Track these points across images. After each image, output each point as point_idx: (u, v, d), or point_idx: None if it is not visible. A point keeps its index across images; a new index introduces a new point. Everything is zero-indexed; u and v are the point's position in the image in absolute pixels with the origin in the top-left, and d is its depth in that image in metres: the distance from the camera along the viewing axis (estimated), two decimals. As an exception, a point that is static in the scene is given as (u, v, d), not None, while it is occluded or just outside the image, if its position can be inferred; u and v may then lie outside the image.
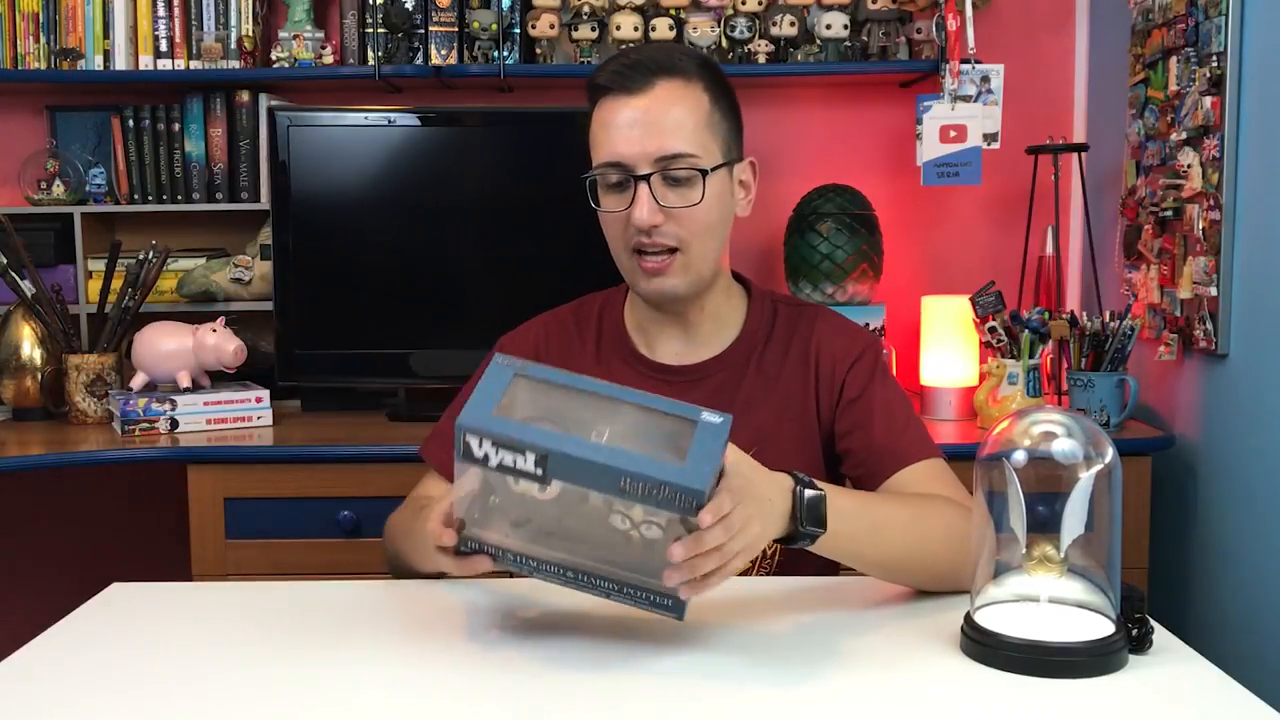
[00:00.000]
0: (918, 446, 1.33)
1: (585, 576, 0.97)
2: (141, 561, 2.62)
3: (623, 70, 1.29)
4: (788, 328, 1.41)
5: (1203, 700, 0.98)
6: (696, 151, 1.29)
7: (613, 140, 1.28)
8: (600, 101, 1.31)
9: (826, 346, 1.39)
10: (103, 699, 1.00)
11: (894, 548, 1.17)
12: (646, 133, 1.27)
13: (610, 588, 0.97)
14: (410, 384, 2.35)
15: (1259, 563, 1.86)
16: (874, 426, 1.34)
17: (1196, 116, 1.98)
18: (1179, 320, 2.08)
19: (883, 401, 1.36)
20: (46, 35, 2.50)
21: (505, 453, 0.89)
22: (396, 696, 0.99)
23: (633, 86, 1.28)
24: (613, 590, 0.97)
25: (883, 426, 1.34)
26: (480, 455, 0.89)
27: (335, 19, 2.57)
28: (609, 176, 1.30)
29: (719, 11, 2.48)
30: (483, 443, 0.89)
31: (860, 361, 1.38)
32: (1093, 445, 1.05)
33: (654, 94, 1.28)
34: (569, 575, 0.98)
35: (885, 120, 2.63)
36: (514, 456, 0.89)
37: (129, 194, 2.55)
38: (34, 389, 2.38)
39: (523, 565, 0.99)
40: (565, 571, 0.97)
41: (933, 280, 2.62)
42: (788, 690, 0.99)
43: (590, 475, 0.89)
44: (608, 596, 0.98)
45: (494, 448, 0.89)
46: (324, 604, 1.24)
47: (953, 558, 1.17)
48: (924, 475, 1.31)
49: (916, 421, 1.38)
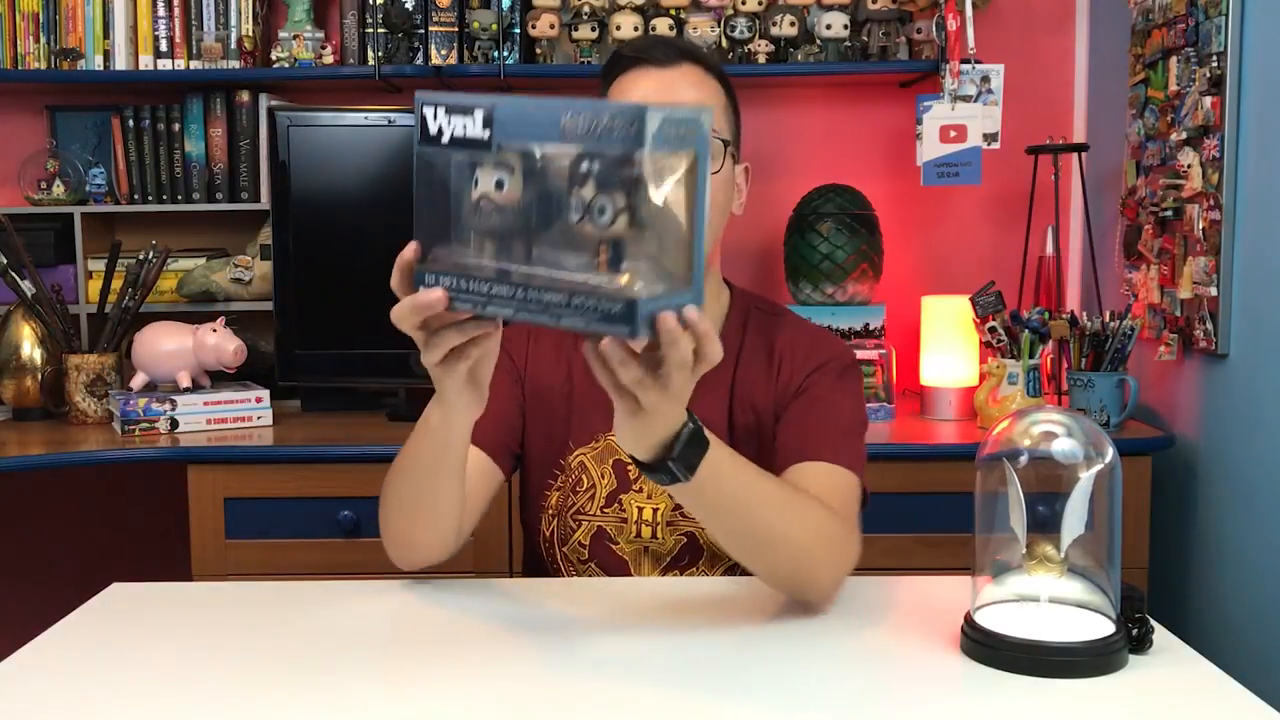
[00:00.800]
0: (836, 452, 1.27)
1: (539, 293, 0.91)
2: (141, 561, 2.62)
3: (651, 45, 1.32)
4: (759, 333, 1.39)
5: (1203, 700, 0.98)
6: (717, 125, 1.29)
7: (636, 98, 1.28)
8: (623, 73, 1.31)
9: (790, 353, 1.37)
10: (103, 699, 1.00)
11: (756, 524, 1.11)
12: (672, 96, 1.27)
13: (562, 303, 0.92)
14: (410, 384, 2.35)
15: (1259, 563, 1.86)
16: (806, 419, 1.31)
17: (1196, 116, 1.98)
18: (1179, 320, 2.08)
19: (827, 403, 1.33)
20: (46, 35, 2.50)
21: (456, 119, 0.90)
22: (396, 697, 0.99)
23: (661, 60, 1.29)
24: (564, 308, 0.90)
25: (814, 421, 1.31)
26: (435, 130, 0.90)
27: (335, 19, 2.57)
28: None
29: (719, 11, 2.48)
30: (437, 113, 0.90)
31: (822, 368, 1.35)
32: (1093, 445, 1.05)
33: (680, 70, 1.30)
34: (520, 296, 0.91)
35: (885, 120, 2.63)
36: (463, 121, 0.89)
37: (129, 194, 2.55)
38: (34, 389, 2.38)
39: (477, 294, 0.93)
40: (518, 291, 0.91)
41: (933, 280, 2.62)
42: (787, 690, 0.99)
43: (533, 125, 0.88)
44: (558, 321, 0.92)
45: (446, 116, 0.90)
46: (324, 604, 1.24)
47: (810, 557, 1.14)
48: (822, 476, 1.25)
49: (853, 437, 1.32)
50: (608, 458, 1.37)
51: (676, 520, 1.35)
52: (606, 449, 1.37)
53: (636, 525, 1.36)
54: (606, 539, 1.36)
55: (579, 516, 1.37)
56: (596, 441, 1.37)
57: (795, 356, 1.37)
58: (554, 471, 1.39)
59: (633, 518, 1.36)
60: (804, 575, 1.15)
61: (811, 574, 1.15)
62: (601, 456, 1.37)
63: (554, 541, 1.39)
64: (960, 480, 1.23)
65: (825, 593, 1.18)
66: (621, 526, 1.36)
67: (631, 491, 1.36)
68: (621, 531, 1.36)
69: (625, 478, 1.37)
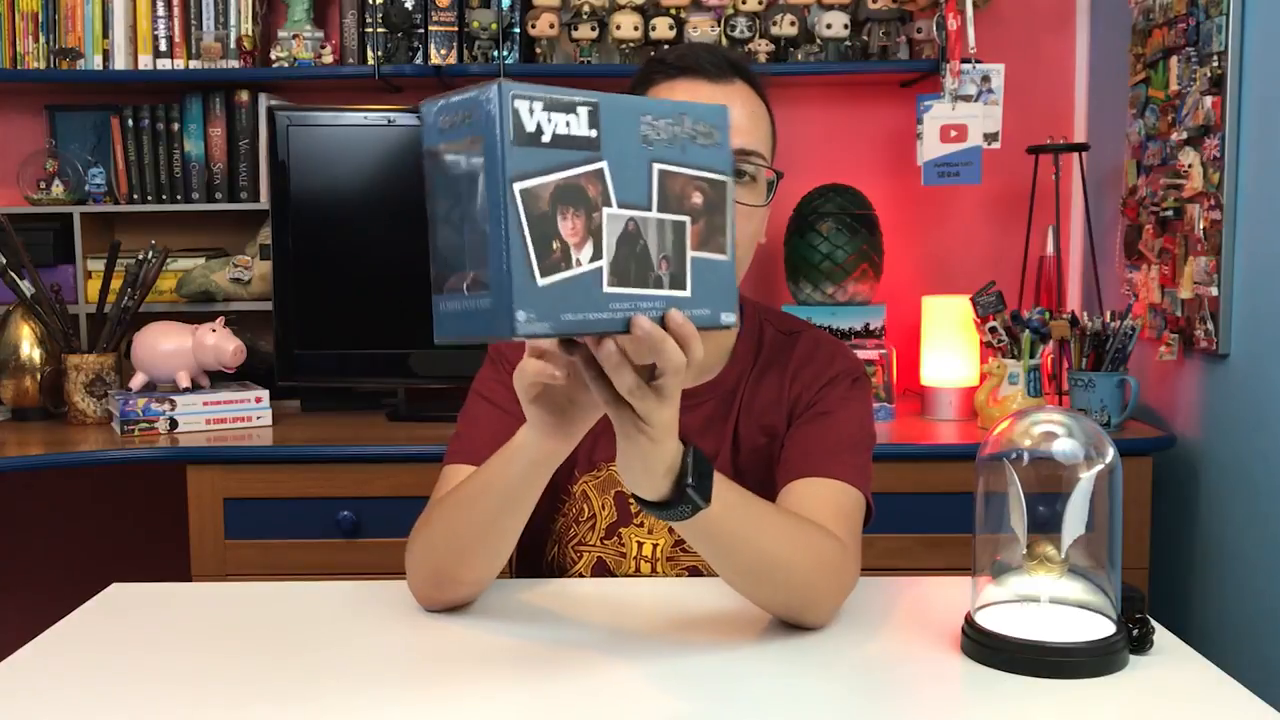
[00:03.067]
0: (842, 468, 1.23)
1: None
2: (141, 561, 2.62)
3: (703, 56, 1.24)
4: (772, 354, 1.35)
5: (1203, 700, 0.98)
6: (766, 155, 1.26)
7: None
8: (671, 80, 1.24)
9: (802, 373, 1.32)
10: (103, 699, 0.99)
11: (760, 557, 1.09)
12: None
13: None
14: (410, 384, 2.35)
15: (1259, 562, 1.86)
16: (814, 434, 1.27)
17: (1197, 116, 1.98)
18: (1180, 320, 2.08)
19: (836, 417, 1.28)
20: (46, 35, 2.50)
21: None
22: (396, 697, 0.99)
23: (715, 75, 1.22)
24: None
25: (821, 436, 1.27)
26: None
27: (335, 18, 2.57)
28: None
29: (719, 11, 2.48)
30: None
31: (833, 382, 1.31)
32: (1093, 445, 1.05)
33: (734, 89, 1.23)
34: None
35: (885, 120, 2.63)
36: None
37: (128, 194, 2.55)
38: (33, 389, 2.38)
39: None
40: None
41: (933, 280, 2.62)
42: (788, 690, 0.99)
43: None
44: None
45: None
46: (324, 604, 1.24)
47: (813, 588, 1.12)
48: (826, 493, 1.20)
49: (861, 451, 1.27)
50: (609, 488, 1.32)
51: (678, 556, 1.32)
52: (609, 479, 1.32)
53: (635, 561, 1.32)
54: (606, 572, 1.33)
55: (580, 547, 1.33)
56: (600, 471, 1.32)
57: (808, 372, 1.32)
58: (560, 497, 1.34)
59: (631, 553, 1.32)
60: (805, 605, 1.13)
61: (813, 604, 1.13)
62: (604, 486, 1.33)
63: (554, 570, 1.35)
64: (960, 480, 1.23)
65: (824, 620, 1.15)
66: (620, 561, 1.32)
67: (631, 525, 1.32)
68: (620, 566, 1.32)
69: (626, 510, 1.32)
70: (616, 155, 0.83)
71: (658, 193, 0.86)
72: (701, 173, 0.88)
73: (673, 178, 0.87)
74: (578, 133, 0.82)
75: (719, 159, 0.90)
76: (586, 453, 1.32)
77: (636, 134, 0.85)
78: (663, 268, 0.86)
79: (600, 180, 0.83)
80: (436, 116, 0.82)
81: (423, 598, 1.20)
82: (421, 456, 2.04)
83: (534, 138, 0.80)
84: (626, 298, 0.85)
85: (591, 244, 0.82)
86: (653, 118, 0.85)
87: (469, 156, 0.80)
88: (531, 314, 0.79)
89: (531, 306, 0.79)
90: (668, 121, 0.86)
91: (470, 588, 1.19)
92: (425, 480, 2.00)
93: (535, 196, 0.79)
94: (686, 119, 0.87)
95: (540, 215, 0.79)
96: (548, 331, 0.80)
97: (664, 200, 0.86)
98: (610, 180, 0.83)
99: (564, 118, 0.81)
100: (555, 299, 0.80)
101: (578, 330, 0.83)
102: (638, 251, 0.85)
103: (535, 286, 0.79)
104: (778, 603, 1.14)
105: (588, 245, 0.82)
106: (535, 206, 0.79)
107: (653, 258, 0.86)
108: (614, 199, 0.83)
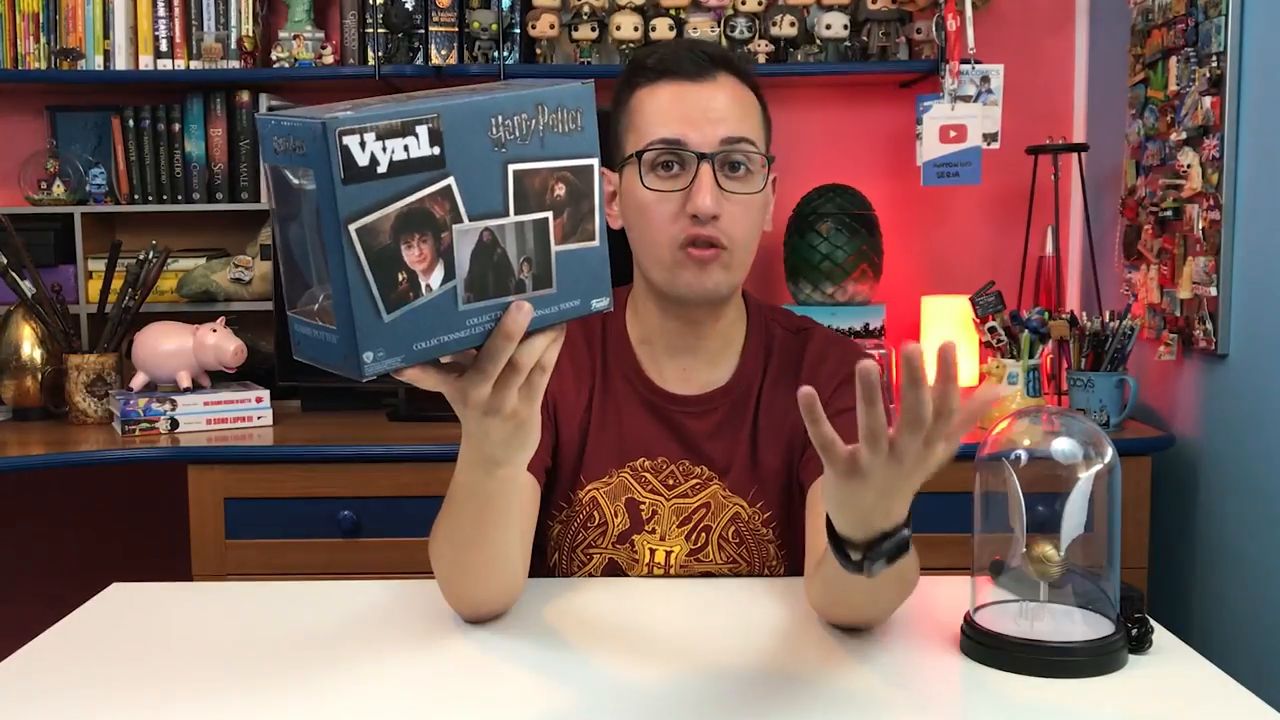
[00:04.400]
0: None
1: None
2: (141, 561, 2.62)
3: (684, 55, 1.24)
4: (784, 355, 1.34)
5: (1203, 700, 0.98)
6: (758, 141, 1.26)
7: (671, 119, 1.22)
8: (653, 84, 1.25)
9: (819, 371, 1.32)
10: (103, 699, 1.00)
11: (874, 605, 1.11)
12: (708, 115, 1.22)
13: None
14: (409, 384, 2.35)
15: (1259, 562, 1.86)
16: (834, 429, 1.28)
17: (1196, 116, 1.98)
18: (1179, 320, 2.08)
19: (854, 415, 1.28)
20: (47, 35, 2.50)
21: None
22: (396, 696, 0.99)
23: (697, 74, 1.23)
24: None
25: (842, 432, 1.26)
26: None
27: (335, 19, 2.57)
28: (662, 156, 1.22)
29: (719, 11, 2.48)
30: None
31: (849, 380, 1.29)
32: (1092, 445, 1.05)
33: (719, 83, 1.24)
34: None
35: (885, 120, 2.63)
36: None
37: (129, 194, 2.55)
38: (34, 389, 2.38)
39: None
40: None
41: (933, 280, 2.62)
42: (788, 690, 0.99)
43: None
44: None
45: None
46: (324, 604, 1.24)
47: (891, 611, 1.13)
48: None
49: None
50: (620, 495, 1.30)
51: (691, 565, 1.30)
52: (620, 486, 1.30)
53: (649, 567, 1.30)
54: (619, 574, 1.31)
55: (590, 550, 1.31)
56: (609, 478, 1.30)
57: (825, 370, 1.31)
58: (560, 504, 1.32)
59: (644, 559, 1.30)
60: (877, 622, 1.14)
61: (884, 619, 1.14)
62: (614, 494, 1.30)
63: (557, 574, 1.34)
64: (960, 480, 1.23)
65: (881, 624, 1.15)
66: (633, 564, 1.31)
67: (644, 532, 1.30)
68: (633, 569, 1.31)
69: (638, 517, 1.30)
70: (465, 167, 0.80)
71: (514, 195, 0.82)
72: (563, 162, 0.85)
73: (530, 176, 0.83)
74: (418, 154, 0.77)
75: (582, 143, 0.86)
76: (594, 461, 1.31)
77: (486, 139, 0.81)
78: (524, 271, 0.84)
79: (448, 198, 0.79)
80: (271, 136, 0.78)
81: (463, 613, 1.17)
82: (422, 456, 2.04)
83: (368, 171, 0.75)
84: (485, 310, 0.83)
85: (442, 266, 0.79)
86: (503, 117, 0.81)
87: (305, 183, 0.77)
88: (380, 351, 0.78)
89: (379, 344, 0.77)
90: (523, 117, 0.82)
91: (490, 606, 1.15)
92: (426, 480, 2.02)
93: (374, 232, 0.76)
94: (544, 109, 0.83)
95: (380, 250, 0.76)
96: (399, 365, 0.79)
97: (522, 201, 0.83)
98: (459, 195, 0.79)
99: (401, 142, 0.77)
100: (404, 331, 0.78)
101: (433, 354, 0.81)
102: (495, 261, 0.82)
103: (380, 324, 0.77)
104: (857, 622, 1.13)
105: (437, 269, 0.79)
106: (375, 242, 0.76)
107: (513, 263, 0.83)
108: (464, 214, 0.80)
